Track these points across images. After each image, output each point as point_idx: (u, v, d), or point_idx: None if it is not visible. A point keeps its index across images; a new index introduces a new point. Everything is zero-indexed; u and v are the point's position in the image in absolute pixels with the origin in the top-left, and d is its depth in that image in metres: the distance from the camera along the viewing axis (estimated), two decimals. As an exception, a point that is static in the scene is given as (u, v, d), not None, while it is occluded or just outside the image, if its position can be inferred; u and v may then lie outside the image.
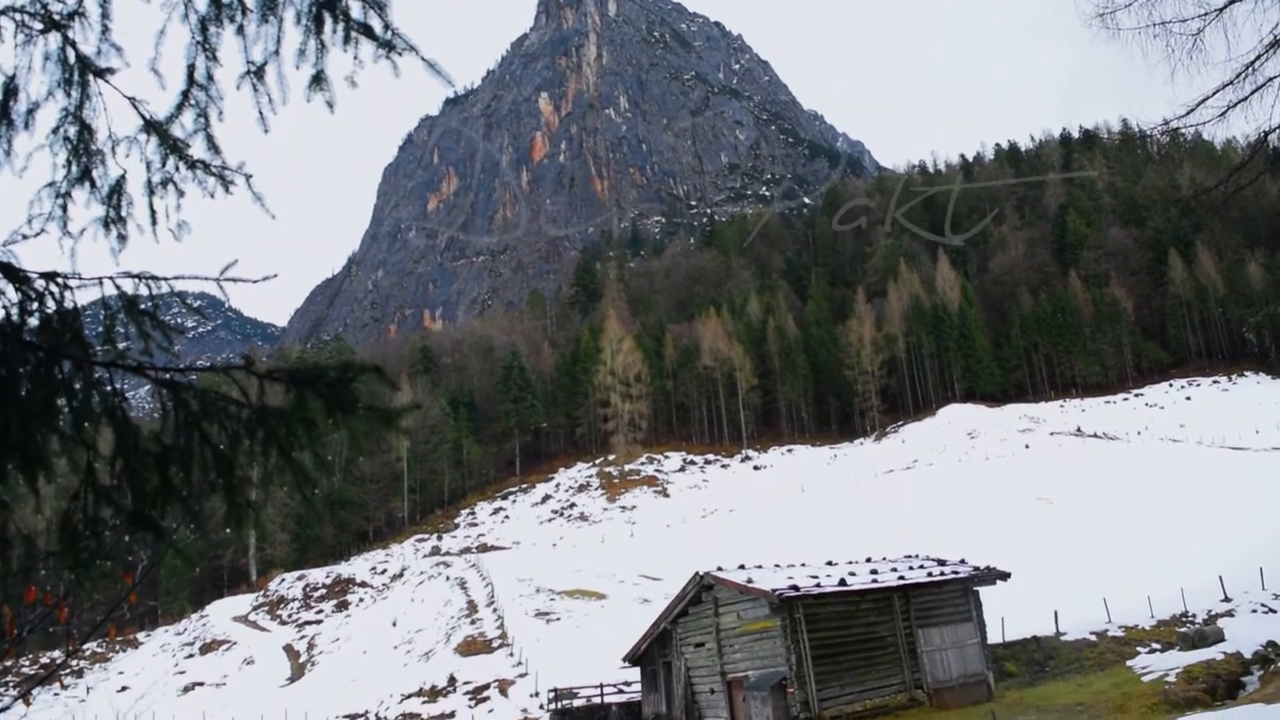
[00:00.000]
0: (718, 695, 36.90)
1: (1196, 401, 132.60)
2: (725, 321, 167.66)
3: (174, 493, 3.42)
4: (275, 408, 3.49)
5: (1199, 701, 28.21)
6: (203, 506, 3.49)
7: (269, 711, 57.67)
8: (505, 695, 53.73)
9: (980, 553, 46.31)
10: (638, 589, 73.84)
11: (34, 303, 3.54)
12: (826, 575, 36.54)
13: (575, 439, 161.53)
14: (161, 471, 3.43)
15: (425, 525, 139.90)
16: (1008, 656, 39.74)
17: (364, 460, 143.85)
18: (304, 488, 3.59)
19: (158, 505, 3.43)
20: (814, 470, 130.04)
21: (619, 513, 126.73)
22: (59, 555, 3.47)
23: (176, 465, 3.43)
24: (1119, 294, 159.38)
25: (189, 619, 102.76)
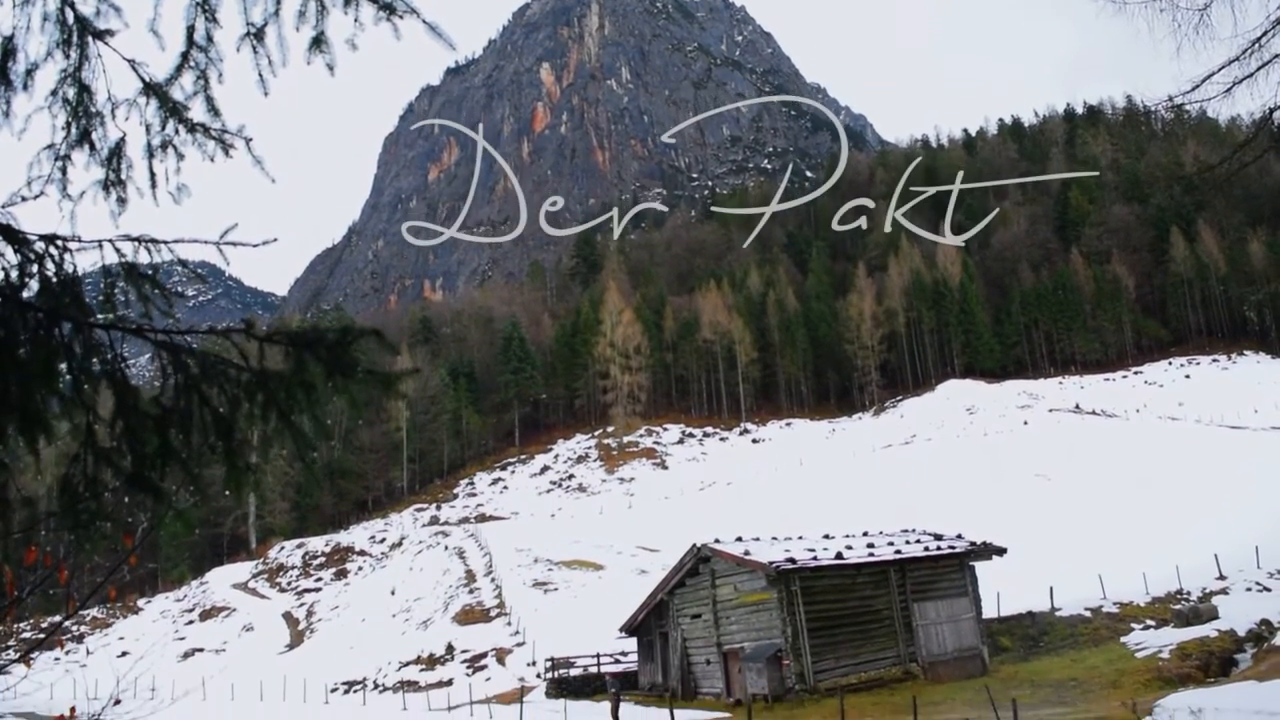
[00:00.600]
0: (714, 666, 37.12)
1: (1196, 380, 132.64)
2: (725, 294, 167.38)
3: (173, 455, 3.43)
4: (275, 371, 3.48)
5: (1192, 678, 28.39)
6: (202, 469, 3.50)
7: (268, 678, 58.00)
8: (503, 664, 54.07)
9: (977, 528, 46.42)
10: (635, 560, 74.14)
11: (33, 265, 3.53)
12: (823, 548, 36.66)
13: (574, 410, 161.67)
14: (161, 434, 3.43)
15: (424, 495, 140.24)
16: (1002, 631, 39.94)
17: (363, 430, 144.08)
18: (303, 451, 3.59)
19: (157, 467, 3.44)
20: (812, 444, 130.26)
21: (617, 484, 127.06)
22: (59, 516, 3.48)
23: (176, 428, 3.43)
24: (1120, 271, 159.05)
25: (189, 586, 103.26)
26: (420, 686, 53.75)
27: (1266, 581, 40.98)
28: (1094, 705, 25.73)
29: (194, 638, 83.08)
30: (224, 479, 3.54)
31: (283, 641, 79.12)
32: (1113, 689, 27.87)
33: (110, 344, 3.40)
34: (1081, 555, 52.03)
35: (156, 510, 3.49)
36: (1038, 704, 26.65)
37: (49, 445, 3.50)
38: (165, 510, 3.51)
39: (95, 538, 3.66)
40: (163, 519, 3.57)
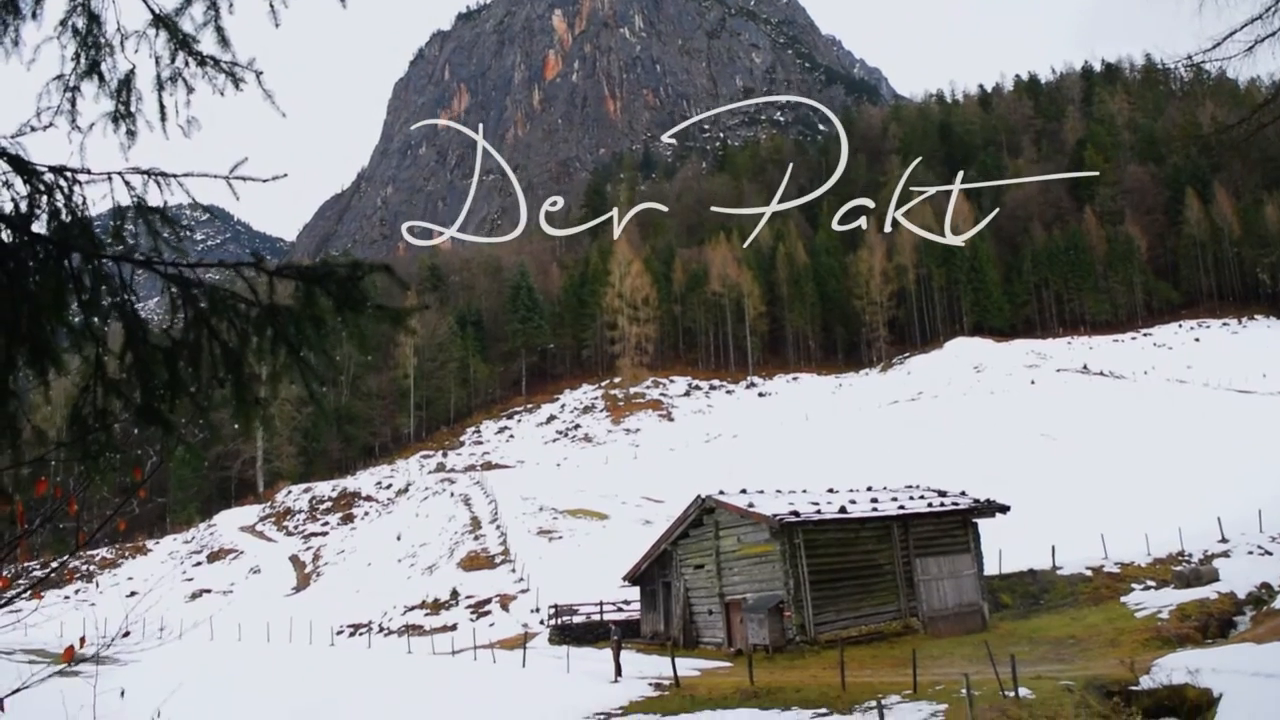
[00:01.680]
0: (715, 616, 37.42)
1: (1205, 343, 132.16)
2: (735, 247, 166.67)
3: (182, 388, 3.42)
4: (284, 306, 3.47)
5: (1190, 639, 28.52)
6: (211, 402, 3.50)
7: (274, 619, 58.60)
8: (506, 610, 54.58)
9: (981, 486, 46.53)
10: (639, 510, 74.52)
11: (43, 196, 3.51)
12: (827, 502, 36.81)
13: (581, 361, 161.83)
14: (170, 366, 3.43)
15: (431, 442, 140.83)
16: (1003, 588, 40.15)
17: (371, 376, 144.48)
18: (312, 386, 3.58)
19: (166, 400, 3.43)
20: (819, 398, 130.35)
21: (623, 435, 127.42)
22: (69, 447, 3.48)
23: (185, 360, 3.42)
24: (1133, 232, 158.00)
25: (197, 528, 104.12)
26: (425, 630, 54.30)
27: (1268, 545, 40.99)
28: (1092, 663, 25.90)
29: (201, 579, 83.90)
30: (233, 412, 3.54)
31: (289, 584, 79.85)
32: (1111, 647, 28.04)
33: (120, 276, 3.38)
34: (1084, 515, 52.14)
35: (166, 442, 3.50)
36: (1036, 660, 26.84)
37: (59, 377, 3.50)
38: (174, 442, 3.51)
39: (105, 469, 3.67)
40: (172, 451, 3.57)
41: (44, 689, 15.52)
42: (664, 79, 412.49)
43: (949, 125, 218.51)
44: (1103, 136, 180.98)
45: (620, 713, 24.93)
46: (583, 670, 32.87)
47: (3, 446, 3.33)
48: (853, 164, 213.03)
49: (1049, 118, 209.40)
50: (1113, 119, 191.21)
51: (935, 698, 21.38)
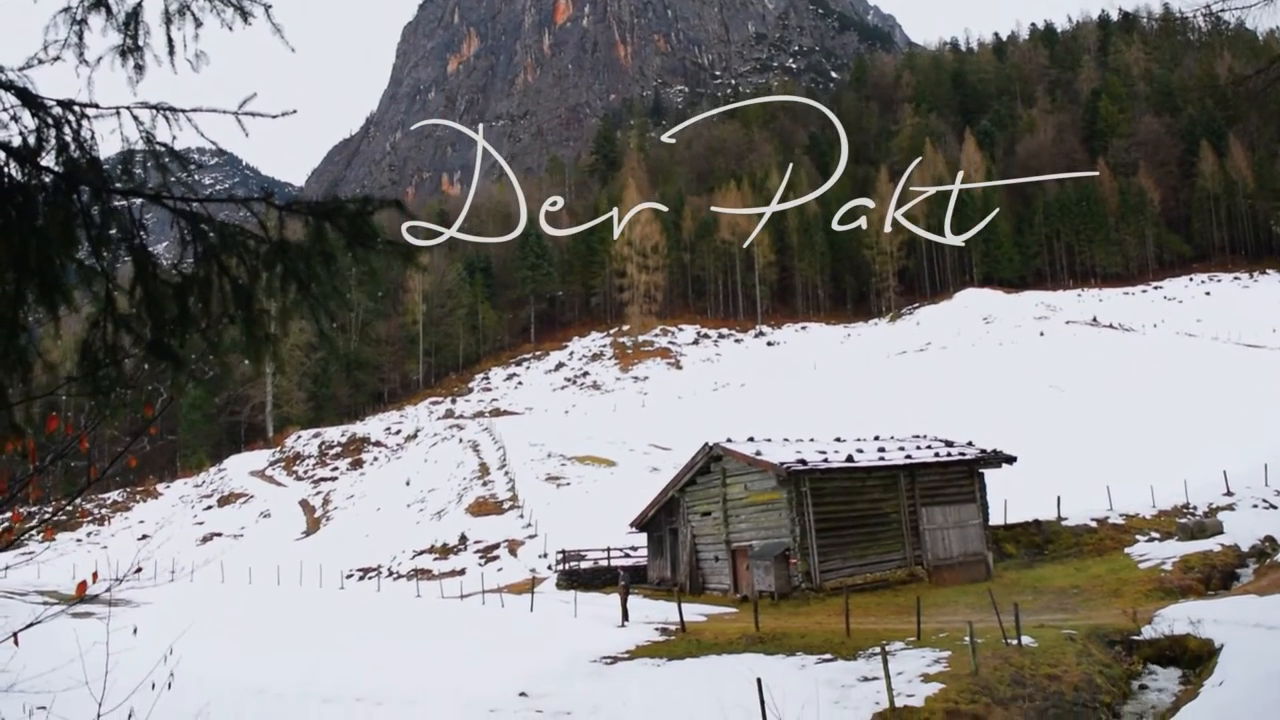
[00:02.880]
0: (722, 563, 37.71)
1: (1216, 297, 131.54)
2: (745, 195, 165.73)
3: (193, 323, 3.43)
4: (294, 242, 3.46)
5: (1193, 590, 28.68)
6: (221, 338, 3.50)
7: (285, 563, 59.17)
8: (514, 555, 55.03)
9: (988, 436, 46.62)
10: (647, 458, 74.82)
11: (51, 130, 3.49)
12: (834, 451, 36.93)
13: (590, 308, 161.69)
14: (180, 302, 3.43)
15: (439, 388, 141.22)
16: (1008, 538, 40.33)
17: (379, 322, 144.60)
18: (322, 322, 3.59)
19: (177, 335, 3.44)
20: (827, 348, 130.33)
21: (631, 383, 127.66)
22: (80, 382, 3.49)
23: (195, 296, 3.42)
24: (1146, 184, 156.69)
25: (207, 472, 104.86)
26: (434, 575, 54.79)
27: (1273, 499, 41.11)
28: (1095, 613, 26.08)
29: (212, 523, 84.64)
30: (243, 347, 3.55)
31: (299, 528, 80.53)
32: (1114, 598, 28.21)
33: (129, 211, 3.37)
34: (1090, 467, 52.24)
35: (176, 378, 3.51)
36: (1039, 610, 27.03)
37: (69, 313, 3.51)
38: (185, 378, 3.52)
39: (115, 404, 3.69)
40: (182, 387, 3.58)
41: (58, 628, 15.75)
42: (675, 24, 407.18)
43: (963, 74, 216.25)
44: (1118, 87, 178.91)
45: (627, 656, 25.20)
46: (590, 615, 33.20)
47: (14, 381, 3.35)
48: (865, 113, 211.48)
49: (1064, 68, 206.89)
50: (1128, 69, 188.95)
51: (939, 645, 21.57)
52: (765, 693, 15.05)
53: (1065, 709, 17.72)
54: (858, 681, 19.31)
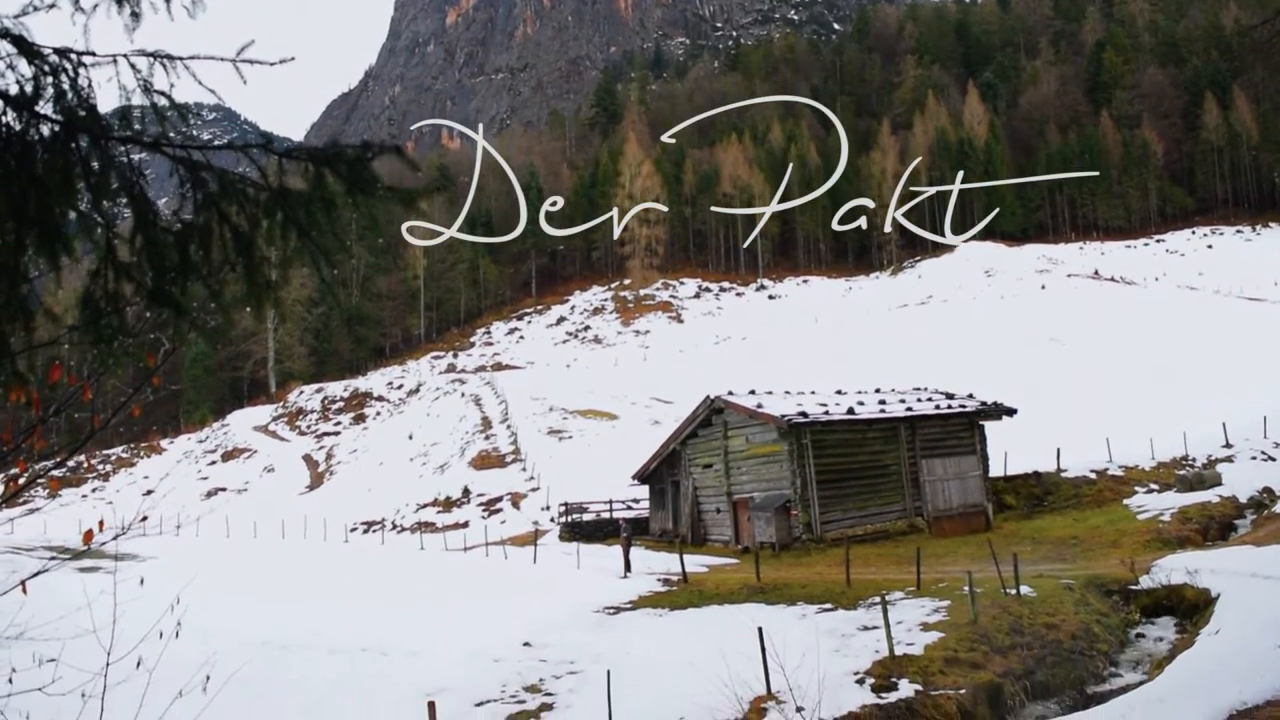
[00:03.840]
0: (723, 514, 37.95)
1: (1218, 250, 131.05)
2: (746, 148, 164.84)
3: (194, 270, 3.44)
4: (294, 189, 3.46)
5: (1190, 541, 28.84)
6: (222, 286, 3.51)
7: (289, 517, 59.54)
8: (517, 508, 55.35)
9: (989, 389, 46.69)
10: (649, 411, 75.00)
11: (48, 78, 3.48)
12: (835, 404, 37.04)
13: (591, 262, 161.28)
14: (181, 250, 3.44)
15: (441, 343, 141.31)
16: (1008, 490, 40.53)
17: (380, 277, 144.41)
18: (322, 269, 3.60)
19: (178, 283, 3.45)
20: (828, 301, 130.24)
21: (632, 337, 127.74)
22: (81, 330, 3.51)
23: (195, 244, 3.43)
24: (1150, 137, 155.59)
25: (210, 428, 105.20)
26: (437, 528, 55.17)
27: (1272, 451, 41.18)
28: (1093, 563, 26.27)
29: (216, 478, 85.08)
30: (244, 295, 3.56)
31: (303, 483, 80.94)
32: (1112, 548, 28.40)
33: (128, 159, 3.37)
34: (1090, 419, 52.34)
35: (178, 326, 3.53)
36: (1038, 560, 27.24)
37: (70, 263, 3.52)
38: (187, 326, 3.54)
39: (118, 353, 3.71)
40: (184, 335, 3.60)
41: (65, 581, 15.93)
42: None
43: (966, 25, 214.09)
44: (1122, 39, 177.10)
45: (630, 606, 25.44)
46: (593, 566, 33.47)
47: (16, 330, 3.36)
48: (867, 65, 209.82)
49: (1068, 19, 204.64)
50: (1133, 20, 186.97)
51: (938, 594, 21.76)
52: (766, 641, 15.21)
53: (1063, 657, 17.90)
54: (858, 631, 19.51)
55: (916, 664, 16.47)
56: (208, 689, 7.17)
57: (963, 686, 15.72)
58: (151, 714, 6.78)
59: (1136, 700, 13.31)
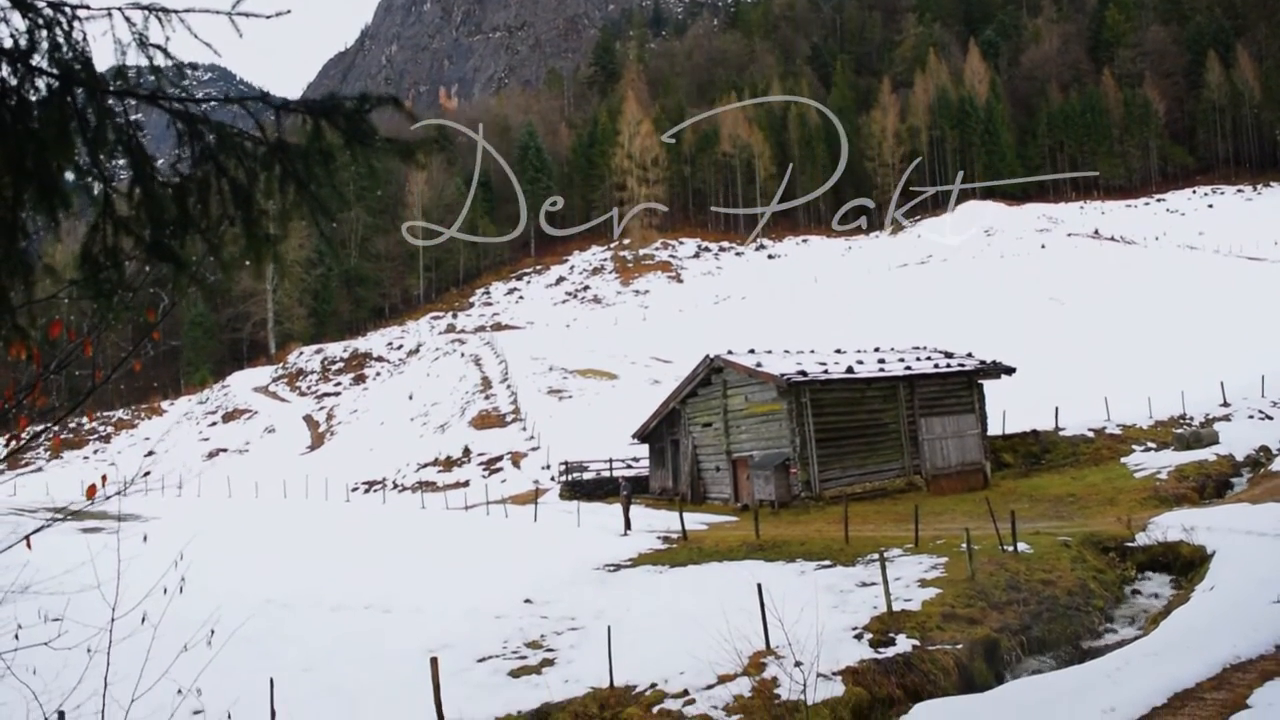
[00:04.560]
0: (723, 473, 38.12)
1: (1219, 209, 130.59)
2: (745, 108, 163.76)
3: (192, 224, 3.44)
4: (292, 142, 3.46)
5: (1187, 499, 28.98)
6: (221, 240, 3.52)
7: (290, 477, 59.80)
8: (518, 467, 55.58)
9: (988, 348, 46.74)
10: (648, 370, 75.09)
11: (42, 31, 3.47)
12: (834, 362, 37.10)
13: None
14: (179, 203, 3.44)
15: (440, 304, 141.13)
16: (1006, 448, 40.67)
17: (379, 238, 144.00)
18: (321, 223, 3.60)
19: (177, 236, 3.46)
20: (828, 261, 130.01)
21: (632, 296, 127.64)
22: (81, 285, 3.52)
23: (194, 197, 3.43)
24: (1151, 95, 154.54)
25: (211, 389, 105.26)
26: (438, 487, 55.43)
27: (1269, 410, 41.28)
28: (1090, 520, 26.42)
29: (217, 438, 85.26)
30: (243, 248, 3.57)
31: (303, 443, 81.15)
32: (1109, 506, 28.54)
33: (124, 112, 3.36)
34: (1089, 378, 52.47)
35: (178, 280, 3.54)
36: (1035, 517, 27.39)
37: (67, 216, 3.52)
38: (187, 281, 3.55)
39: (118, 308, 3.72)
40: (184, 290, 3.61)
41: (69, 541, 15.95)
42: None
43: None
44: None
45: (630, 564, 25.61)
46: (593, 524, 33.68)
47: (16, 285, 3.37)
48: (867, 23, 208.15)
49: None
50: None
51: (936, 551, 21.91)
52: (765, 597, 15.34)
53: (1059, 613, 18.05)
54: (856, 587, 19.67)
55: (914, 619, 16.62)
56: (212, 644, 7.25)
57: (960, 641, 15.88)
58: (156, 669, 6.86)
59: (1132, 654, 13.44)
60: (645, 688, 14.31)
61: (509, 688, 15.73)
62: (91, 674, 6.03)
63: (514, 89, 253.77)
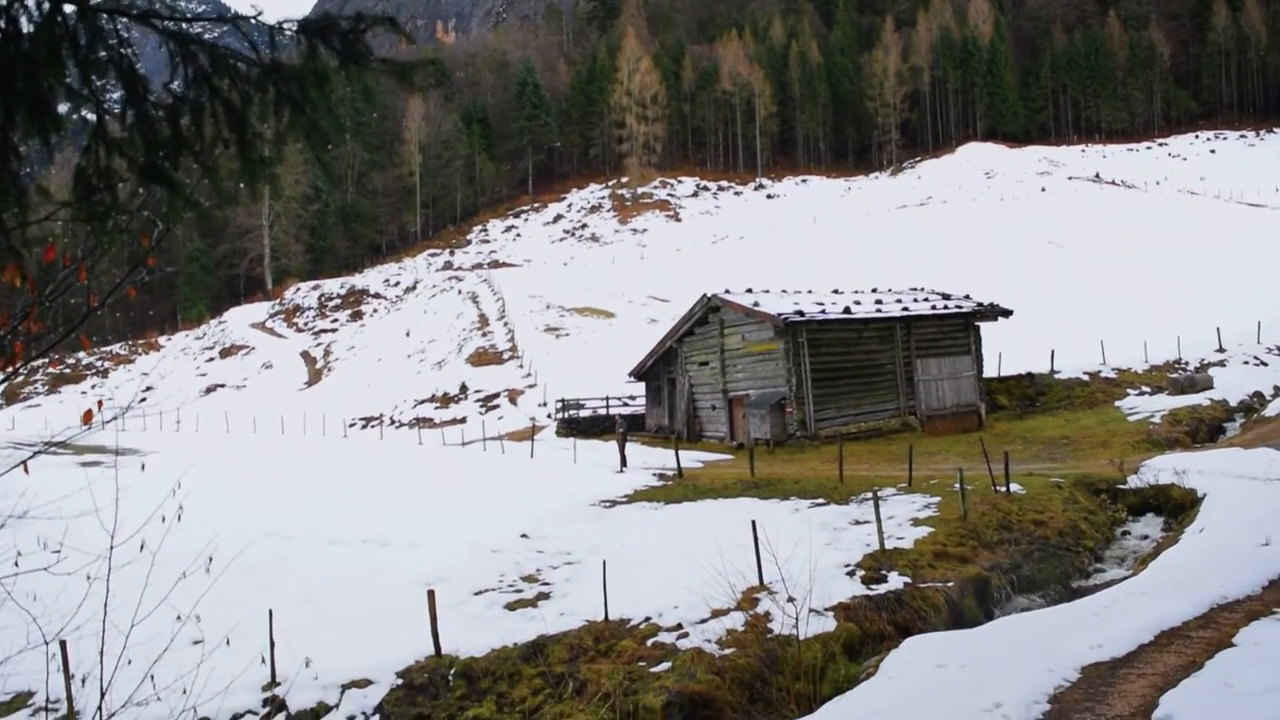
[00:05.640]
0: (719, 411, 38.28)
1: (1221, 155, 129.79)
2: (747, 45, 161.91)
3: (186, 146, 3.40)
4: (286, 64, 3.41)
5: (1180, 443, 29.14)
6: (216, 162, 3.48)
7: (288, 413, 59.98)
8: (514, 404, 55.75)
9: (985, 290, 46.71)
10: (646, 309, 75.06)
11: (32, -53, 3.40)
12: (832, 303, 37.10)
13: (589, 160, 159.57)
14: (173, 124, 3.40)
15: (437, 240, 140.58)
16: (1001, 390, 40.78)
17: (376, 174, 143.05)
18: (318, 147, 3.56)
19: (170, 158, 3.42)
20: (827, 201, 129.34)
21: (630, 235, 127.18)
22: (74, 207, 3.49)
23: (187, 118, 3.40)
24: (1156, 38, 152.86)
25: (208, 324, 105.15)
26: (435, 423, 55.64)
27: (1265, 356, 41.37)
28: (1083, 463, 26.59)
29: (215, 374, 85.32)
30: (238, 171, 3.54)
31: (301, 379, 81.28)
32: (1102, 448, 28.71)
33: (116, 31, 3.31)
34: (1086, 322, 52.49)
35: (173, 203, 3.51)
36: (1029, 459, 27.56)
37: (58, 139, 3.48)
38: (181, 203, 3.52)
39: (112, 231, 3.69)
40: (179, 213, 3.59)
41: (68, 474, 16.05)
42: None
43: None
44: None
45: (625, 500, 25.80)
46: (589, 461, 33.87)
47: (9, 206, 3.34)
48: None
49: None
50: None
51: (929, 491, 22.07)
52: (760, 534, 15.48)
53: (1049, 553, 18.25)
54: (849, 525, 19.84)
55: (906, 557, 16.79)
56: (210, 572, 7.31)
57: (951, 579, 16.06)
58: (154, 596, 6.93)
59: (1120, 594, 13.60)
60: (639, 621, 14.49)
61: (505, 620, 15.93)
62: (91, 601, 6.09)
63: (512, 24, 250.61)
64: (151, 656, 6.68)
